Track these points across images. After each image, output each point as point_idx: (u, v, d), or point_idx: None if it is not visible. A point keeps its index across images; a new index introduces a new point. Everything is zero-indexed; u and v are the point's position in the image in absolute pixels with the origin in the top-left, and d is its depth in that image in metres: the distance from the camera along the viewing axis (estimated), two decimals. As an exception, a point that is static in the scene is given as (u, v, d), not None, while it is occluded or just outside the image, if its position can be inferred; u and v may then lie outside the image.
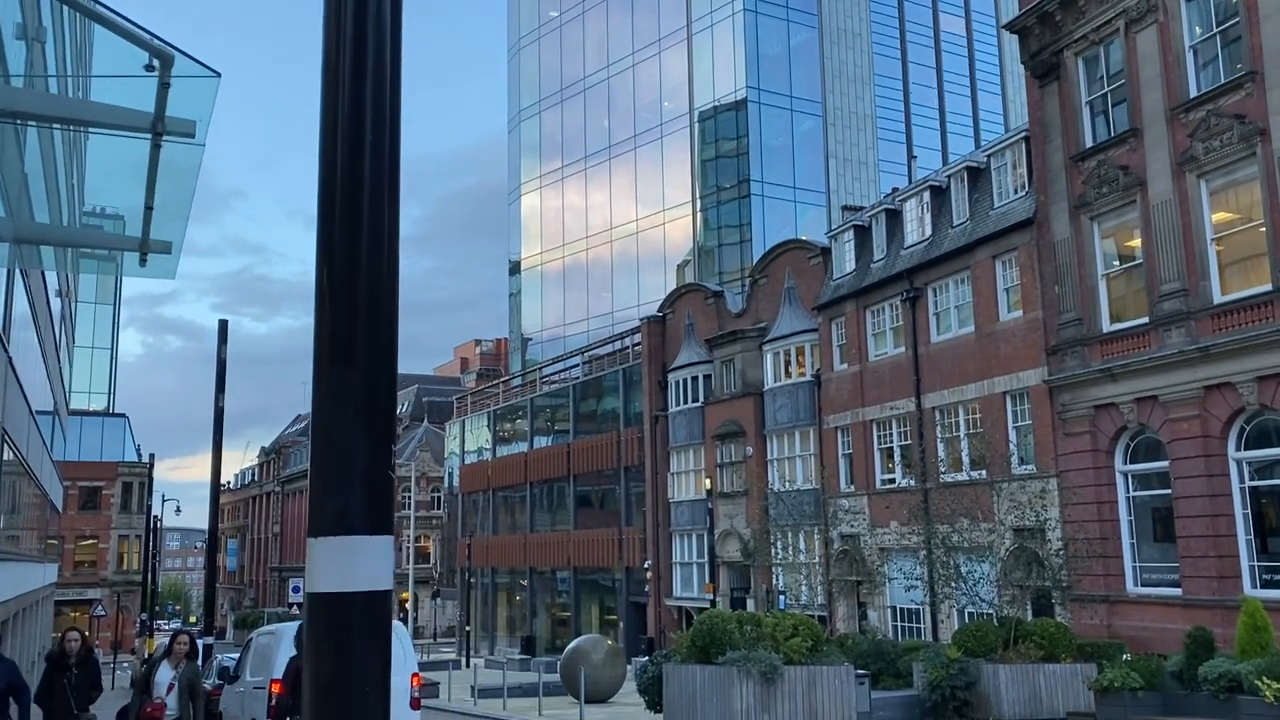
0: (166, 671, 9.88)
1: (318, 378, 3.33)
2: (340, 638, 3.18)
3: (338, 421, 3.30)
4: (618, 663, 24.89)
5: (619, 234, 53.94)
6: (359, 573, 3.19)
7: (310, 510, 3.30)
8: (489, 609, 51.42)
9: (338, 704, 3.27)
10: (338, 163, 3.30)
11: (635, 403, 40.83)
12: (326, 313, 3.38)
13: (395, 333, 3.46)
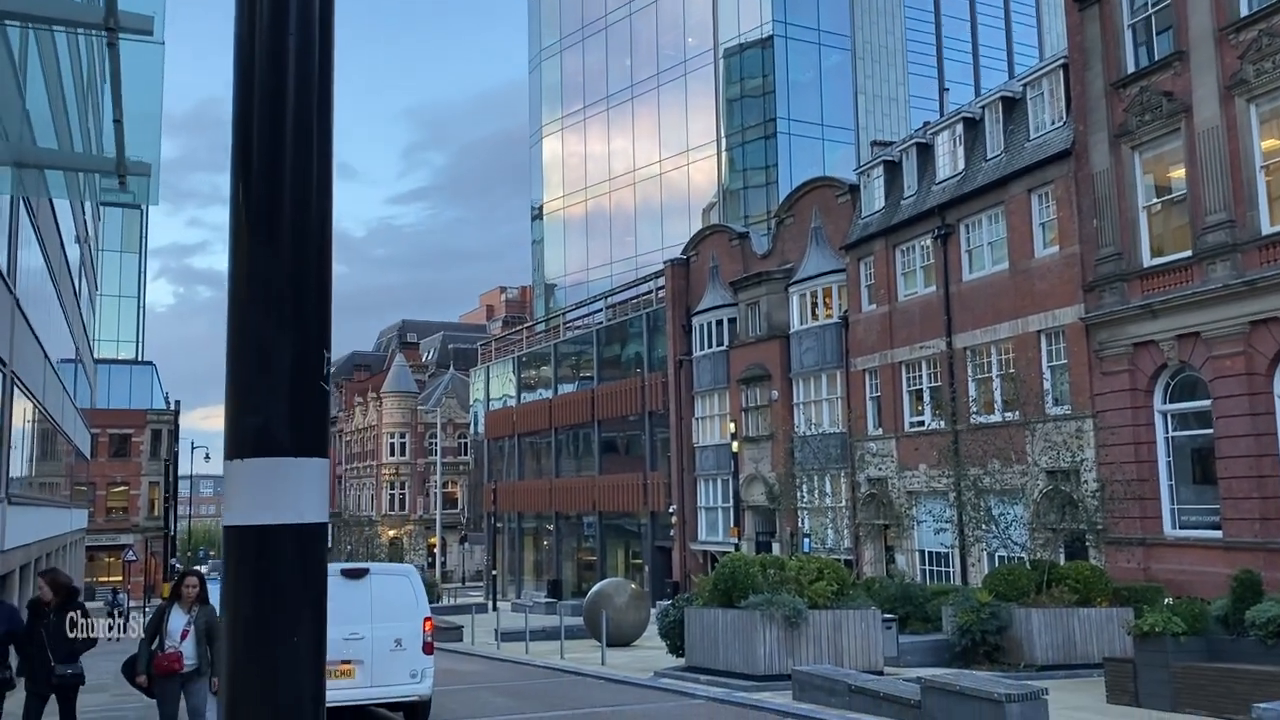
0: (179, 617, 9.00)
1: (233, 260, 2.78)
2: (262, 580, 2.66)
3: (256, 316, 2.75)
4: (641, 606, 24.63)
5: (642, 177, 53.01)
6: (284, 502, 2.66)
7: (225, 426, 2.76)
8: (516, 553, 51.56)
9: (261, 658, 2.75)
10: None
11: (659, 347, 40.29)
12: (243, 171, 2.82)
13: (329, 204, 2.89)
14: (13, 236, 16.36)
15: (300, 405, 2.71)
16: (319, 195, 2.83)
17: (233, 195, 2.79)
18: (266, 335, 2.72)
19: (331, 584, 9.48)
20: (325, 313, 2.82)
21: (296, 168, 2.80)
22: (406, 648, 11.79)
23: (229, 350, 2.75)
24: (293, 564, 2.66)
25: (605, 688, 16.31)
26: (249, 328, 2.74)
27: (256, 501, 2.66)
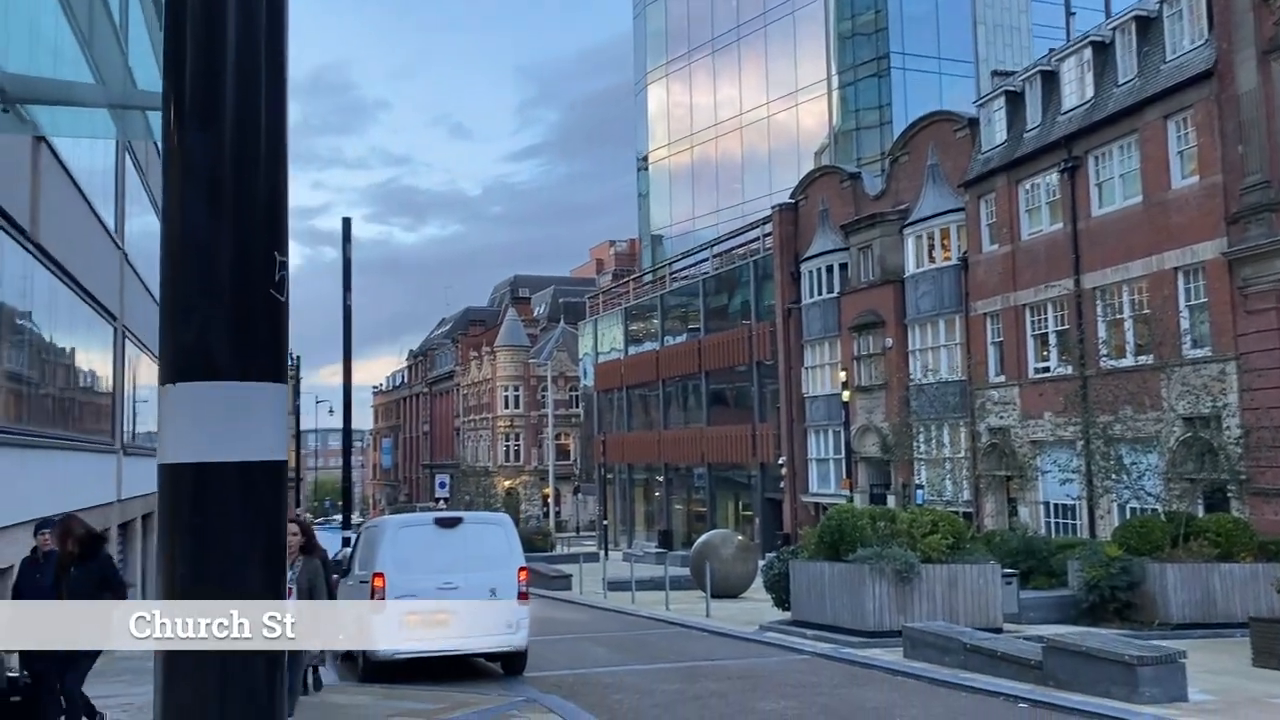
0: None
1: (167, 152, 2.31)
2: (199, 530, 2.21)
3: (192, 212, 2.28)
4: (748, 558, 24.19)
5: (748, 121, 51.67)
6: (226, 435, 2.20)
7: (160, 344, 2.32)
8: (627, 504, 51.71)
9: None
10: None
11: (767, 296, 39.36)
12: (174, 41, 2.34)
13: (283, 86, 2.39)
14: (120, 195, 16.66)
15: (246, 319, 2.23)
16: (270, 75, 2.33)
17: (165, 68, 2.31)
18: (203, 234, 2.25)
19: (425, 533, 9.09)
20: (277, 210, 2.33)
21: (242, 42, 2.30)
22: (501, 597, 11.58)
23: (162, 254, 2.28)
24: (237, 510, 2.20)
25: (708, 640, 15.95)
26: (184, 226, 2.27)
27: (193, 435, 2.20)
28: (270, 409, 2.22)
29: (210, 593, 2.15)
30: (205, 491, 2.14)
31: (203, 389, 2.15)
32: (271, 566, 2.25)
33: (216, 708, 2.14)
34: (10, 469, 10.51)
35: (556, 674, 12.35)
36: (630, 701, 10.31)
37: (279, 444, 2.25)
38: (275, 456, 2.24)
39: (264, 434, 2.20)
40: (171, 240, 2.20)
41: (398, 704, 9.70)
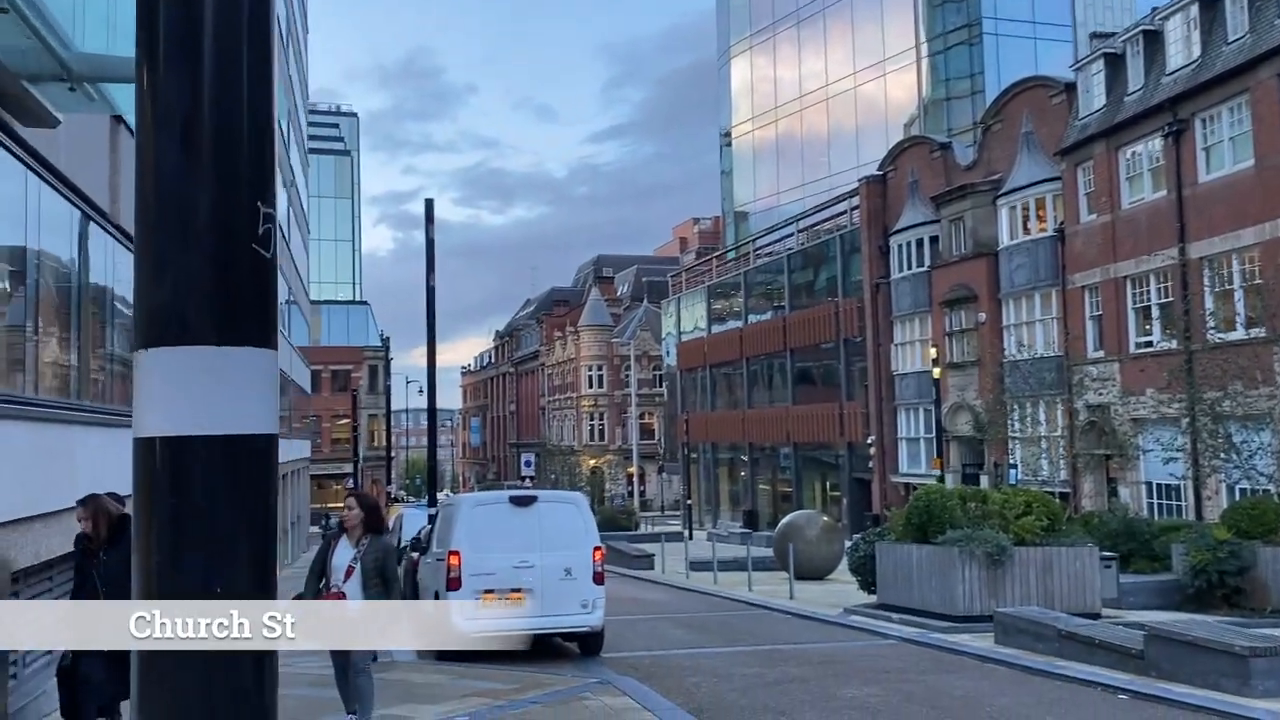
0: (345, 550, 7.29)
1: (139, 92, 2.09)
2: (177, 512, 2.00)
3: (167, 161, 2.06)
4: (834, 539, 23.71)
5: (834, 93, 50.53)
6: (207, 407, 1.98)
7: (134, 306, 2.11)
8: (711, 484, 51.42)
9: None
10: None
11: (854, 271, 38.51)
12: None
13: (269, 13, 2.15)
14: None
15: (226, 277, 2.00)
16: (253, 5, 2.09)
17: (139, 5, 2.08)
18: (177, 183, 2.02)
19: (500, 512, 8.79)
20: (261, 156, 2.09)
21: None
22: (577, 577, 11.44)
23: (136, 209, 2.07)
24: (220, 491, 1.98)
25: (790, 623, 15.61)
26: (156, 173, 2.05)
27: (168, 405, 1.98)
28: (257, 377, 2.00)
29: (189, 586, 1.94)
30: (183, 470, 1.93)
31: (179, 355, 1.93)
32: (261, 554, 2.04)
33: (200, 713, 1.93)
34: (105, 445, 10.72)
35: (634, 655, 12.17)
36: (707, 685, 10.07)
37: (268, 416, 2.03)
38: (263, 430, 2.02)
39: (249, 404, 1.98)
40: (144, 191, 1.99)
41: (472, 683, 9.63)
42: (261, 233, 2.00)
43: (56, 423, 8.46)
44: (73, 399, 9.16)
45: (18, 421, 7.58)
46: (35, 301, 8.56)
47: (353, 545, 7.35)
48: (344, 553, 7.34)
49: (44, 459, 8.21)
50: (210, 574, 1.94)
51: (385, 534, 7.56)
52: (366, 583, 7.15)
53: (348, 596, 7.14)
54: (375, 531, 7.44)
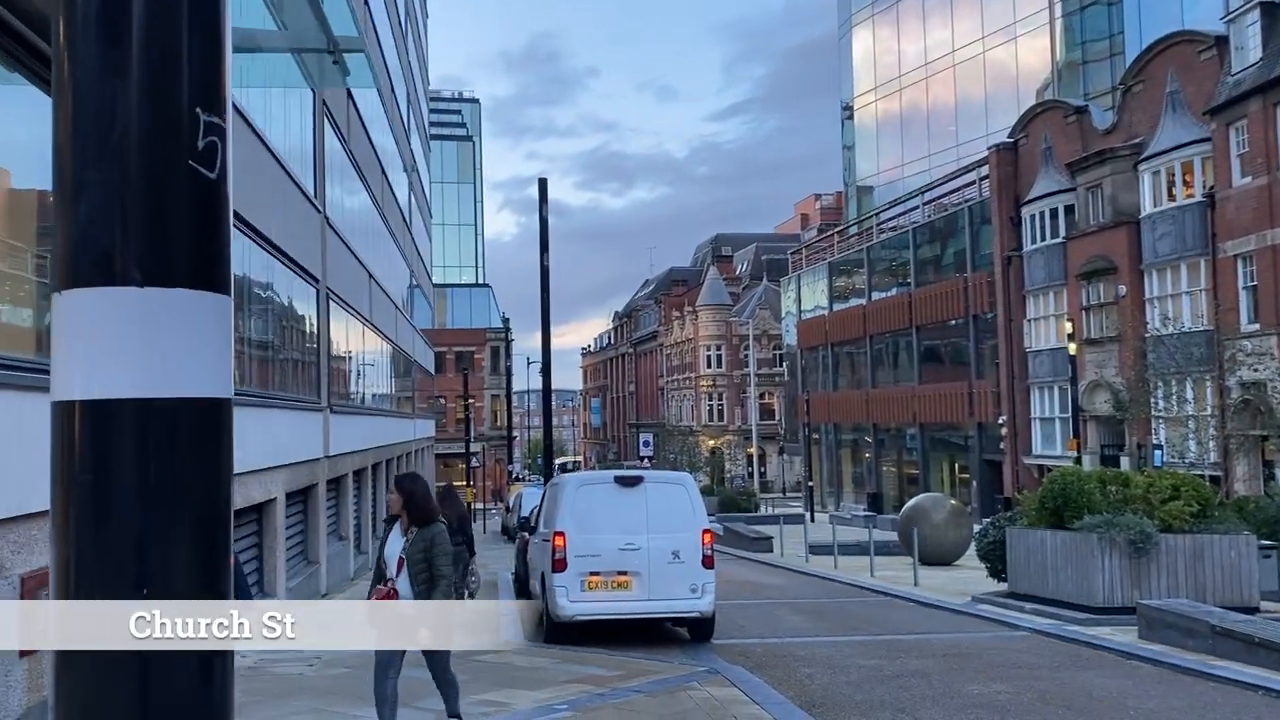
0: (396, 541, 6.60)
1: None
2: (103, 498, 1.64)
3: (85, 53, 1.69)
4: (963, 523, 22.67)
5: (961, 60, 48.42)
6: (141, 362, 1.61)
7: (56, 241, 1.75)
8: (833, 465, 50.35)
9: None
10: None
11: (984, 244, 36.87)
12: None
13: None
14: (318, 162, 17.11)
15: (158, 201, 1.62)
16: None
17: None
18: (95, 81, 1.65)
19: (606, 492, 8.26)
20: (207, 50, 1.69)
21: None
22: (685, 560, 11.03)
23: (53, 115, 1.70)
24: (154, 467, 1.61)
25: (914, 611, 14.87)
26: (72, 71, 1.67)
27: (89, 361, 1.61)
28: (199, 326, 1.62)
29: (114, 586, 1.57)
30: (107, 442, 1.56)
31: (99, 298, 1.56)
32: (208, 547, 1.66)
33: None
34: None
35: (745, 642, 11.71)
36: (822, 677, 9.53)
37: (216, 375, 1.65)
38: (210, 392, 1.63)
39: (190, 360, 1.60)
40: (60, 94, 1.62)
41: (576, 668, 9.35)
42: (203, 147, 1.61)
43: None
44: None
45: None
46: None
47: (403, 535, 6.60)
48: (395, 543, 6.65)
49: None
50: (141, 572, 1.57)
51: (436, 523, 6.61)
52: (414, 577, 6.42)
53: (399, 593, 6.43)
54: (420, 523, 6.54)
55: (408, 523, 6.54)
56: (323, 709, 7.61)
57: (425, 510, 6.57)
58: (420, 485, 6.75)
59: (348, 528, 19.64)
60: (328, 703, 7.79)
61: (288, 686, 8.46)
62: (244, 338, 11.90)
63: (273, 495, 13.06)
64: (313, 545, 16.28)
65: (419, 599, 6.34)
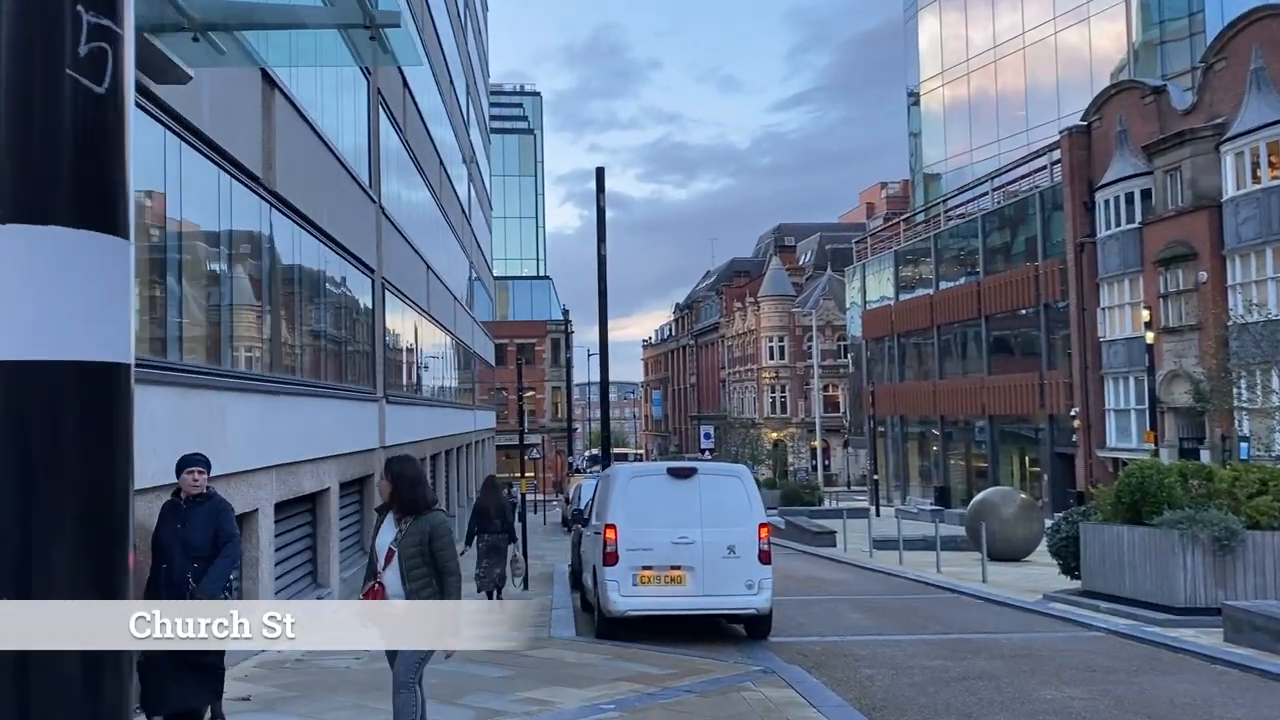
0: (388, 531, 5.76)
1: None
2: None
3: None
4: (1033, 518, 21.90)
5: (1031, 42, 47.06)
6: (10, 317, 1.32)
7: None
8: (899, 458, 49.43)
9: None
10: None
11: (1055, 231, 35.75)
12: None
13: None
14: (373, 152, 17.02)
15: (24, 118, 1.32)
16: None
17: None
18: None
19: (658, 484, 7.77)
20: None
21: None
22: (740, 555, 10.66)
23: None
24: (20, 443, 1.31)
25: (982, 609, 14.30)
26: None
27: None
28: (89, 273, 1.32)
29: None
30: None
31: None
32: (103, 539, 1.36)
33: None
34: (297, 416, 10.82)
35: (804, 640, 11.30)
36: (884, 679, 9.10)
37: (110, 334, 1.36)
38: (101, 355, 1.34)
39: (74, 315, 1.30)
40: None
41: (626, 665, 9.05)
42: (87, 53, 1.31)
43: (202, 388, 8.37)
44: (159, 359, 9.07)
45: (159, 386, 7.48)
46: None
47: (396, 525, 5.72)
48: (386, 534, 5.74)
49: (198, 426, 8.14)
50: (20, 569, 1.28)
51: (433, 511, 5.74)
52: (405, 572, 5.54)
53: (386, 588, 5.61)
54: (410, 511, 5.68)
55: (401, 511, 5.71)
56: (363, 704, 7.41)
57: (414, 497, 5.71)
58: (410, 468, 5.90)
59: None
60: (369, 697, 7.59)
61: (332, 680, 8.30)
62: (293, 325, 11.80)
63: (325, 485, 12.98)
64: (368, 536, 16.23)
65: (410, 596, 5.52)
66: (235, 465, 9.15)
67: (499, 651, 9.79)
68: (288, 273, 11.65)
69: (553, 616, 12.34)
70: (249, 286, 10.25)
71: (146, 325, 7.66)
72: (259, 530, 10.02)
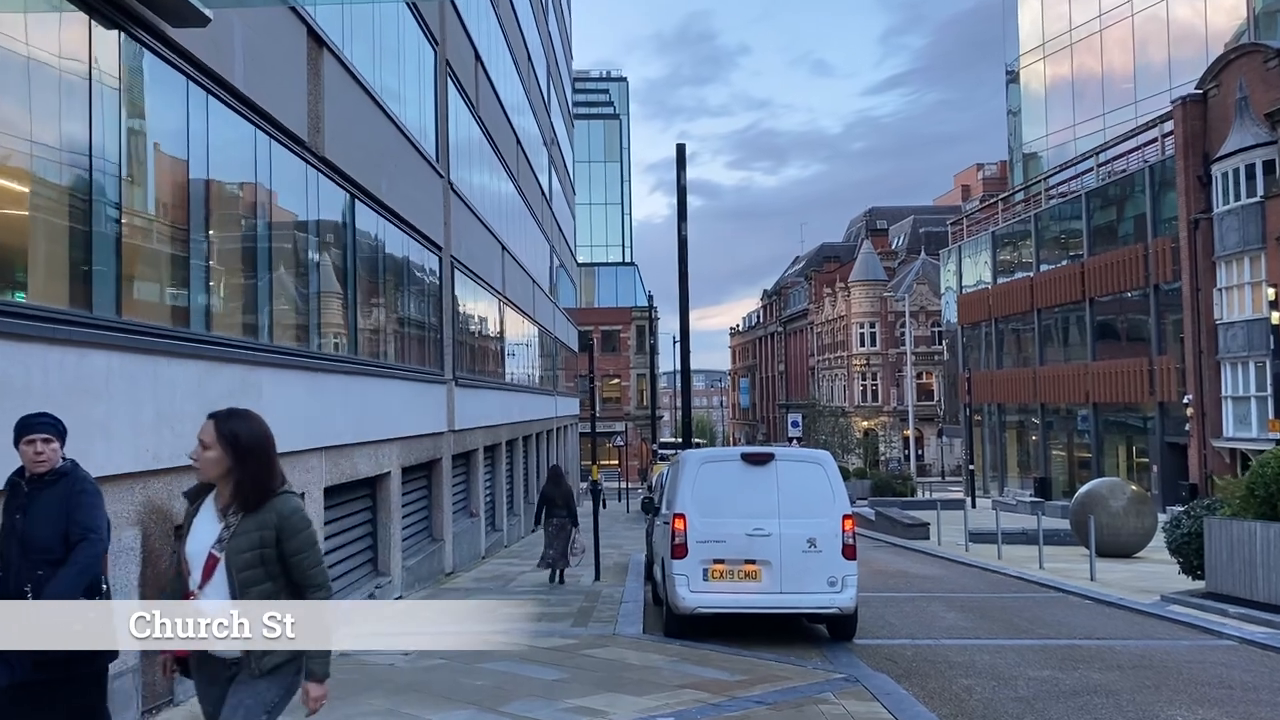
0: (207, 527, 3.66)
1: None
2: None
3: None
4: (1145, 512, 20.33)
5: (1139, 9, 44.45)
6: None
7: None
8: (997, 448, 47.44)
9: None
10: None
11: (1167, 207, 33.56)
12: None
13: None
14: (440, 125, 16.43)
15: None
16: None
17: None
18: None
19: (731, 471, 6.58)
20: None
21: None
22: (822, 549, 9.71)
23: None
24: None
25: (1090, 611, 13.04)
26: None
27: None
28: None
29: None
30: None
31: None
32: None
33: None
34: (354, 395, 10.21)
35: (893, 644, 10.29)
36: (983, 691, 8.07)
37: None
38: None
39: None
40: None
41: (693, 669, 8.20)
42: None
43: (237, 363, 7.77)
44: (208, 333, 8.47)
45: (177, 359, 6.89)
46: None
47: (218, 518, 3.63)
48: (202, 531, 3.65)
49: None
50: None
51: (283, 495, 3.65)
52: (239, 589, 3.53)
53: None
54: (253, 497, 3.59)
55: (228, 500, 3.60)
56: (395, 710, 6.71)
57: (262, 476, 3.60)
58: (258, 428, 3.65)
59: (478, 504, 19.08)
60: (404, 701, 6.90)
61: (369, 679, 7.65)
62: (346, 302, 11.22)
63: (385, 470, 12.42)
64: (437, 522, 15.69)
65: (237, 593, 3.54)
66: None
67: (556, 649, 9.06)
68: (339, 245, 11.07)
69: (620, 611, 11.55)
70: (292, 256, 9.65)
71: (169, 294, 7.08)
72: (306, 516, 9.45)
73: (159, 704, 6.65)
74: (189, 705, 6.55)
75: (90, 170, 5.90)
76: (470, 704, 6.90)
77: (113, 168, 6.18)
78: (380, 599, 11.96)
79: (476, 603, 12.28)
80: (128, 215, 6.41)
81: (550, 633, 10.03)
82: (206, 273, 7.49)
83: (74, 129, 5.82)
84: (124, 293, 6.30)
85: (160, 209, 6.97)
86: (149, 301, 6.82)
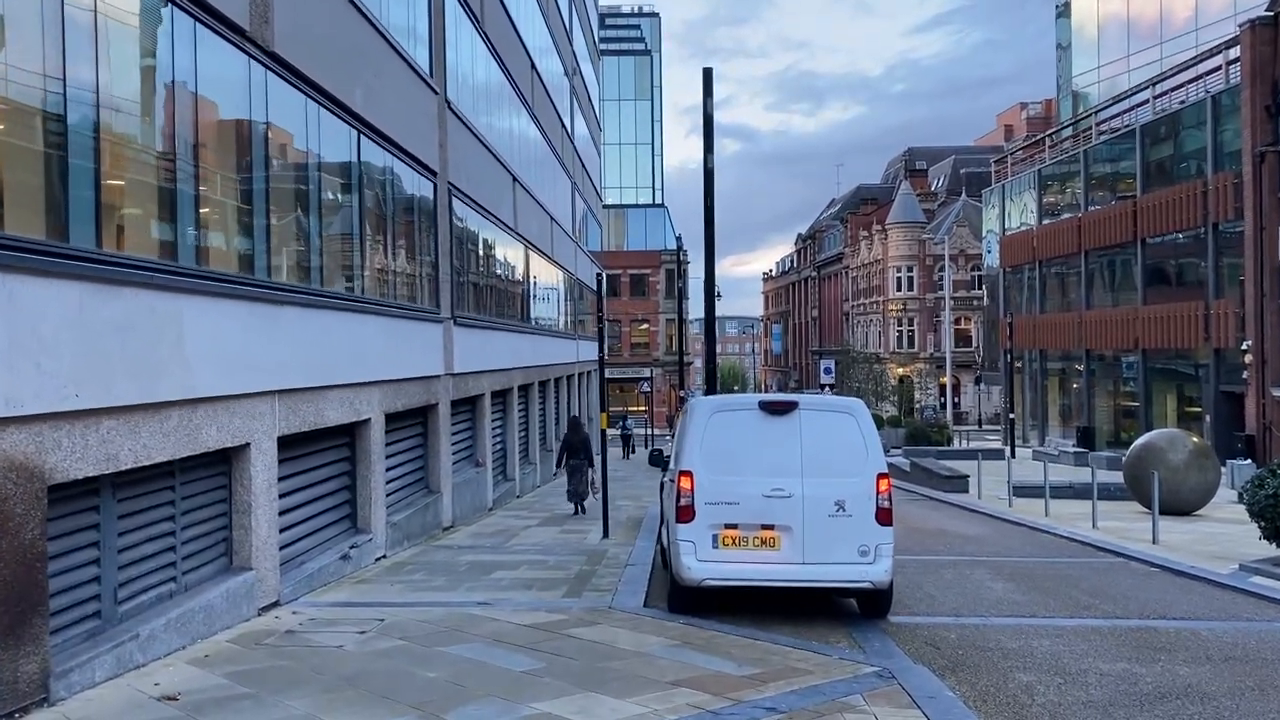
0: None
1: None
2: None
3: None
4: (1206, 466, 18.69)
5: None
6: None
7: None
8: (1038, 396, 45.59)
9: None
10: None
11: (1229, 140, 31.28)
12: None
13: None
14: (434, 34, 14.89)
15: None
16: None
17: None
18: None
19: (747, 421, 4.88)
20: None
21: None
22: (852, 513, 8.30)
23: None
24: None
25: (1159, 581, 11.54)
26: None
27: None
28: None
29: None
30: None
31: None
32: None
33: None
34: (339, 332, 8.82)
35: (934, 622, 8.90)
36: (1047, 693, 6.64)
37: None
38: None
39: None
40: None
41: (693, 658, 6.85)
42: None
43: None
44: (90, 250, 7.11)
45: (49, 278, 5.54)
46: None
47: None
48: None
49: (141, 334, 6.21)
50: None
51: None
52: None
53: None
54: None
55: None
56: (314, 716, 5.41)
57: None
58: None
59: (485, 453, 17.83)
60: (329, 705, 5.60)
61: (304, 670, 6.37)
62: (306, 225, 9.82)
63: (364, 416, 11.12)
64: (433, 472, 14.44)
65: None
66: (202, 389, 7.25)
67: (539, 627, 7.75)
68: (299, 163, 9.64)
69: (623, 577, 10.23)
70: (233, 168, 8.24)
71: (37, 202, 5.71)
72: (251, 470, 8.17)
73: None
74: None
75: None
76: (411, 709, 5.60)
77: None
78: (356, 559, 10.74)
79: (468, 560, 10.96)
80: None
81: (536, 605, 8.74)
82: (96, 177, 6.10)
83: None
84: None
85: (21, 90, 5.56)
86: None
